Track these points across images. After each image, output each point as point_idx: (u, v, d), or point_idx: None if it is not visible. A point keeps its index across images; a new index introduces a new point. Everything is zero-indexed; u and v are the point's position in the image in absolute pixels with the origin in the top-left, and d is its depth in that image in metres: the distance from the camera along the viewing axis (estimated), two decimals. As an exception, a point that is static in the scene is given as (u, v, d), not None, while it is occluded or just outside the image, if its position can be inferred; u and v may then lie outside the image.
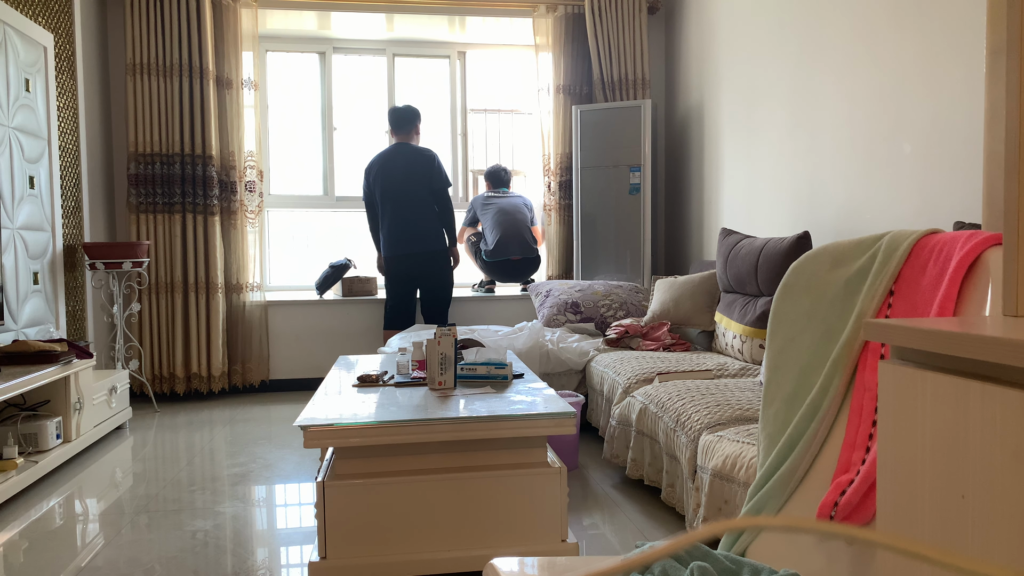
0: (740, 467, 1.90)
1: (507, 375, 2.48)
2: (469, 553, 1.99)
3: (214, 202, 4.45)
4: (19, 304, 3.34)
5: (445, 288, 4.41)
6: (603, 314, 3.95)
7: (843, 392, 1.26)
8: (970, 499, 0.72)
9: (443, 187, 4.33)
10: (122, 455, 3.27)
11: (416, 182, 4.28)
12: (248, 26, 4.56)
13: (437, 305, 4.42)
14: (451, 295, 4.46)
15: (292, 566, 2.10)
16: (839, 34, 3.04)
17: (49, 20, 3.73)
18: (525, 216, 4.77)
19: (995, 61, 1.23)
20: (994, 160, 1.25)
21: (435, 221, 4.33)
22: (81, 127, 4.06)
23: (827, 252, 1.37)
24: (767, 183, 3.70)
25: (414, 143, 4.43)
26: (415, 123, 4.41)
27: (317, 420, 1.97)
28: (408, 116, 4.39)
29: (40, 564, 2.12)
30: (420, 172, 4.29)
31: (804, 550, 1.23)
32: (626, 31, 4.75)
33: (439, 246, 4.33)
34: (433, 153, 4.36)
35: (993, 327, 0.74)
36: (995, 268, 1.08)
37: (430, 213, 4.31)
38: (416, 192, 4.28)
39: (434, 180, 4.31)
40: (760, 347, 3.08)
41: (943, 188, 2.47)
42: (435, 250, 4.33)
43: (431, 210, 4.32)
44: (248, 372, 4.61)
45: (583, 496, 2.64)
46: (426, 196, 4.30)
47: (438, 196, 4.33)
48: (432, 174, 4.31)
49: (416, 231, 4.28)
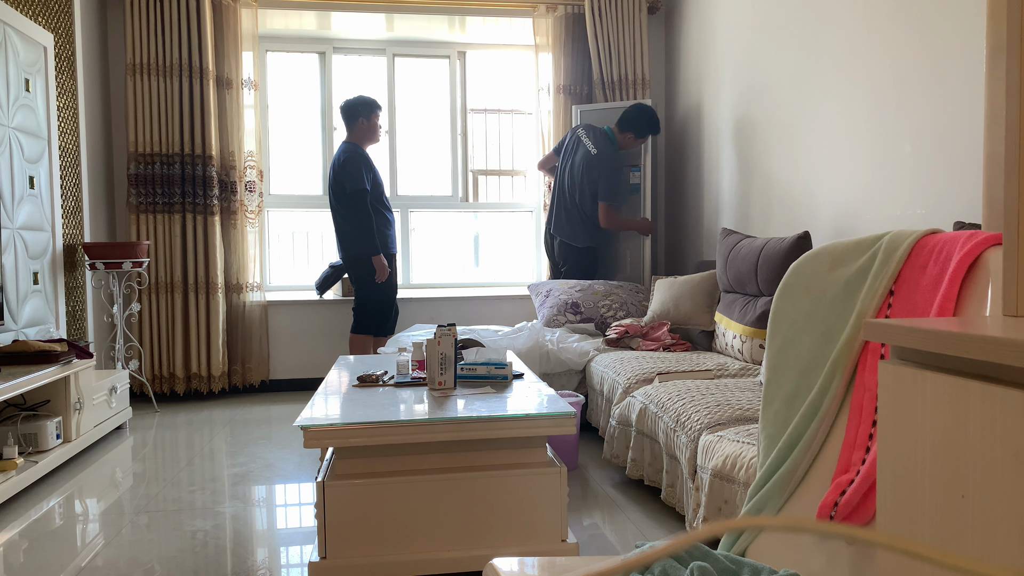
0: (740, 467, 1.90)
1: (507, 375, 2.48)
2: (469, 553, 1.98)
3: (214, 202, 4.45)
4: (19, 304, 3.34)
5: (362, 295, 4.19)
6: (603, 314, 3.95)
7: (843, 392, 1.26)
8: (970, 499, 0.72)
9: (353, 188, 4.02)
10: (122, 455, 3.27)
11: (336, 184, 4.11)
12: (248, 26, 4.56)
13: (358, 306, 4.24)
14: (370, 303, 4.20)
15: (292, 566, 2.10)
16: (839, 34, 3.04)
17: (49, 20, 3.73)
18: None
19: (995, 61, 1.23)
20: (994, 160, 1.25)
21: (344, 226, 4.11)
22: (81, 127, 4.06)
23: (827, 252, 1.37)
24: (767, 182, 3.70)
25: (361, 137, 4.17)
26: (356, 119, 4.15)
27: (317, 420, 1.97)
28: (347, 112, 4.16)
29: (40, 564, 2.12)
30: (336, 175, 4.09)
31: (804, 550, 1.23)
32: (626, 31, 4.75)
33: (356, 253, 4.12)
34: (347, 149, 4.08)
35: (993, 327, 0.74)
36: (995, 268, 1.08)
37: (341, 217, 4.11)
38: (337, 194, 4.11)
39: (345, 183, 4.04)
40: (760, 347, 3.08)
41: (943, 188, 2.47)
42: (352, 257, 4.14)
43: (342, 213, 4.10)
44: (248, 372, 4.61)
45: (583, 496, 2.64)
46: (341, 197, 4.09)
47: (350, 198, 4.05)
48: (344, 177, 4.04)
49: (339, 237, 4.17)
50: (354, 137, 4.18)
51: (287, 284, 5.01)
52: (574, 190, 4.32)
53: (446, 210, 5.17)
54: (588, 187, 4.26)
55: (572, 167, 4.34)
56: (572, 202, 4.33)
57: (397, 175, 5.12)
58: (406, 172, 5.15)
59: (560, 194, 4.40)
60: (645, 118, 4.27)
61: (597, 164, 4.23)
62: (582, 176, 4.27)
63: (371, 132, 4.19)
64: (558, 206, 4.41)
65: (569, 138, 4.43)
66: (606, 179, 4.21)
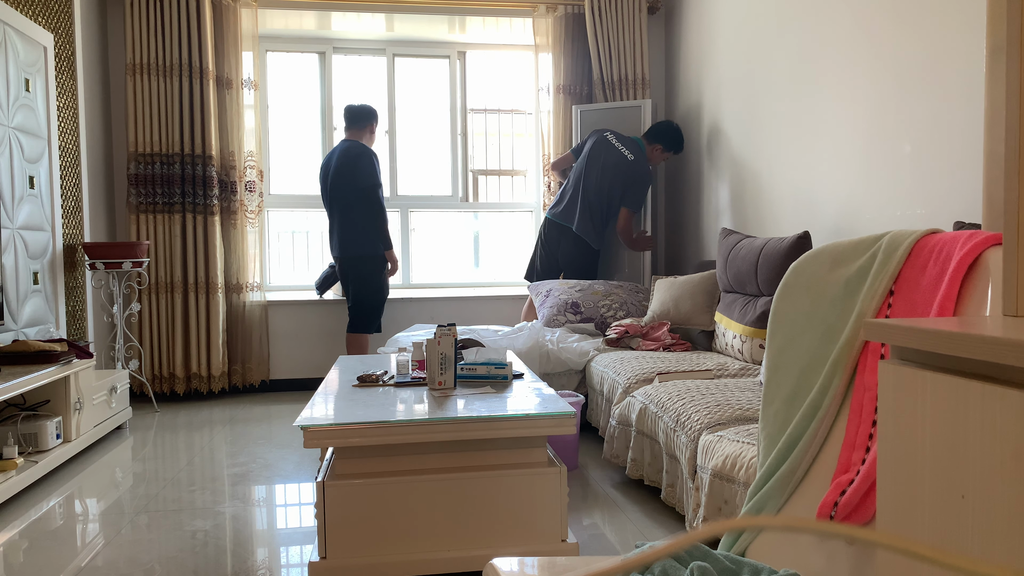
0: (740, 467, 1.90)
1: (507, 375, 2.48)
2: (469, 553, 1.98)
3: (214, 202, 4.45)
4: (19, 304, 3.34)
5: (363, 294, 4.27)
6: (603, 314, 3.95)
7: (843, 392, 1.26)
8: (970, 499, 0.72)
9: (368, 183, 4.13)
10: (122, 455, 3.27)
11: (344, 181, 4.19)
12: (248, 26, 4.56)
13: (356, 307, 4.31)
14: (371, 303, 4.30)
15: (292, 566, 2.10)
16: (839, 33, 3.04)
17: (49, 20, 3.73)
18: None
19: (995, 61, 1.23)
20: (994, 160, 1.25)
21: (354, 225, 4.19)
22: (81, 127, 4.06)
23: (827, 252, 1.37)
24: (767, 182, 3.70)
25: (365, 141, 4.31)
26: (369, 121, 4.30)
27: (317, 420, 1.97)
28: (359, 114, 4.29)
29: (40, 564, 2.12)
30: (346, 171, 4.18)
31: (804, 550, 1.23)
32: (626, 31, 4.75)
33: (360, 251, 4.21)
34: (356, 146, 4.20)
35: (993, 327, 0.74)
36: (995, 268, 1.08)
37: (353, 216, 4.18)
38: (345, 190, 4.19)
39: (359, 179, 4.16)
40: (760, 347, 3.08)
41: (943, 188, 2.47)
42: (355, 256, 4.21)
43: (354, 212, 4.18)
44: (248, 372, 4.61)
45: (583, 496, 2.64)
46: (351, 197, 4.19)
47: (364, 192, 4.15)
48: (357, 173, 4.15)
49: (341, 236, 4.23)
50: (358, 139, 4.30)
51: (287, 284, 5.01)
52: (601, 191, 4.30)
53: (446, 210, 5.17)
54: (618, 190, 4.28)
55: (602, 168, 4.31)
56: (597, 202, 4.32)
57: (397, 175, 5.12)
58: (406, 172, 5.15)
59: (583, 193, 4.36)
60: (675, 133, 4.36)
61: (634, 171, 4.27)
62: (613, 179, 4.28)
63: (374, 139, 4.39)
64: (581, 204, 4.36)
65: (595, 140, 4.39)
66: (638, 187, 4.28)
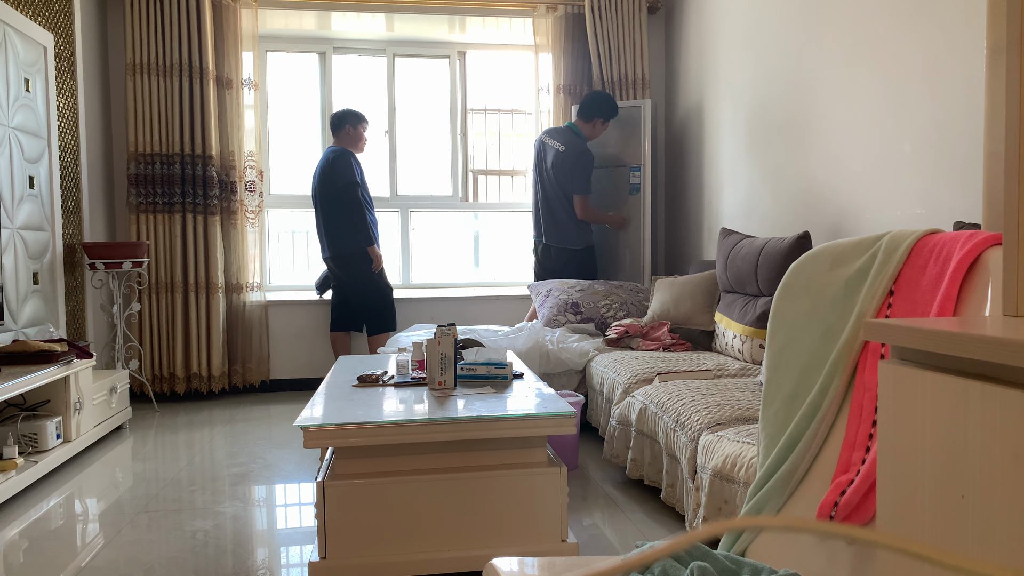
0: (740, 467, 1.90)
1: (507, 375, 2.48)
2: (469, 553, 1.98)
3: (214, 202, 4.45)
4: (19, 304, 3.34)
5: (365, 293, 4.36)
6: (603, 314, 3.95)
7: (843, 392, 1.26)
8: (970, 499, 0.72)
9: (343, 182, 4.21)
10: (122, 455, 3.27)
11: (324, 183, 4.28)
12: (248, 26, 4.56)
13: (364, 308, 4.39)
14: (379, 299, 4.39)
15: (292, 566, 2.10)
16: (839, 34, 3.04)
17: (49, 20, 3.73)
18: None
19: (995, 61, 1.23)
20: (994, 160, 1.25)
21: (336, 225, 4.27)
22: (81, 127, 4.06)
23: (827, 252, 1.37)
24: (767, 182, 3.70)
25: (349, 144, 4.38)
26: (343, 126, 4.36)
27: (317, 420, 1.97)
28: (335, 120, 4.37)
29: (40, 564, 2.12)
30: (325, 174, 4.27)
31: (804, 550, 1.23)
32: (626, 31, 4.75)
33: (343, 250, 4.28)
34: (333, 150, 4.29)
35: (993, 327, 0.74)
36: (995, 268, 1.08)
37: (334, 212, 4.27)
38: (324, 193, 4.28)
39: (335, 179, 4.24)
40: (760, 347, 3.08)
41: (943, 188, 2.47)
42: (339, 255, 4.30)
43: (336, 212, 4.26)
44: (248, 372, 4.61)
45: (583, 496, 2.64)
46: (331, 197, 4.26)
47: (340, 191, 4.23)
48: (333, 174, 4.24)
49: (326, 236, 4.31)
50: (340, 143, 4.38)
51: (287, 284, 5.01)
52: (556, 193, 4.35)
53: (446, 210, 5.17)
54: (565, 185, 4.31)
55: (546, 172, 4.38)
56: (558, 206, 4.36)
57: (397, 175, 5.12)
58: (406, 172, 5.15)
59: (545, 203, 4.41)
60: (606, 101, 4.34)
61: (568, 159, 4.28)
62: (558, 175, 4.32)
63: (355, 140, 4.40)
64: (545, 215, 4.43)
65: (536, 147, 4.49)
66: (579, 172, 4.27)
